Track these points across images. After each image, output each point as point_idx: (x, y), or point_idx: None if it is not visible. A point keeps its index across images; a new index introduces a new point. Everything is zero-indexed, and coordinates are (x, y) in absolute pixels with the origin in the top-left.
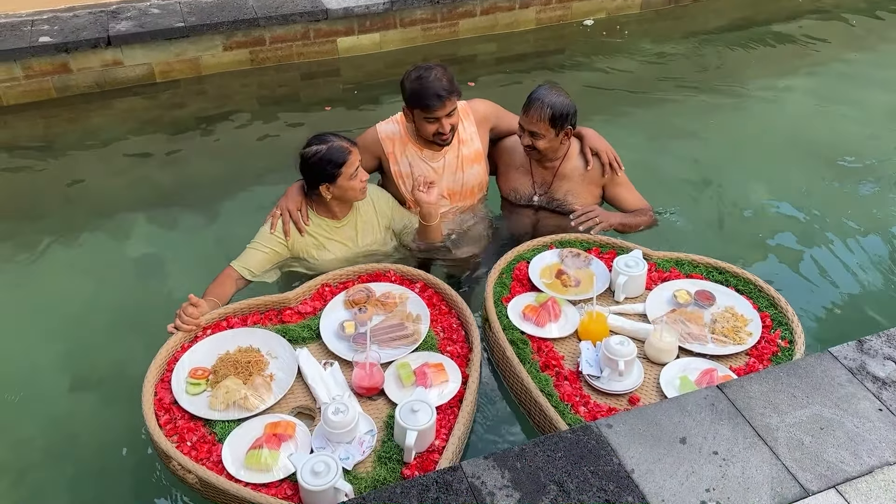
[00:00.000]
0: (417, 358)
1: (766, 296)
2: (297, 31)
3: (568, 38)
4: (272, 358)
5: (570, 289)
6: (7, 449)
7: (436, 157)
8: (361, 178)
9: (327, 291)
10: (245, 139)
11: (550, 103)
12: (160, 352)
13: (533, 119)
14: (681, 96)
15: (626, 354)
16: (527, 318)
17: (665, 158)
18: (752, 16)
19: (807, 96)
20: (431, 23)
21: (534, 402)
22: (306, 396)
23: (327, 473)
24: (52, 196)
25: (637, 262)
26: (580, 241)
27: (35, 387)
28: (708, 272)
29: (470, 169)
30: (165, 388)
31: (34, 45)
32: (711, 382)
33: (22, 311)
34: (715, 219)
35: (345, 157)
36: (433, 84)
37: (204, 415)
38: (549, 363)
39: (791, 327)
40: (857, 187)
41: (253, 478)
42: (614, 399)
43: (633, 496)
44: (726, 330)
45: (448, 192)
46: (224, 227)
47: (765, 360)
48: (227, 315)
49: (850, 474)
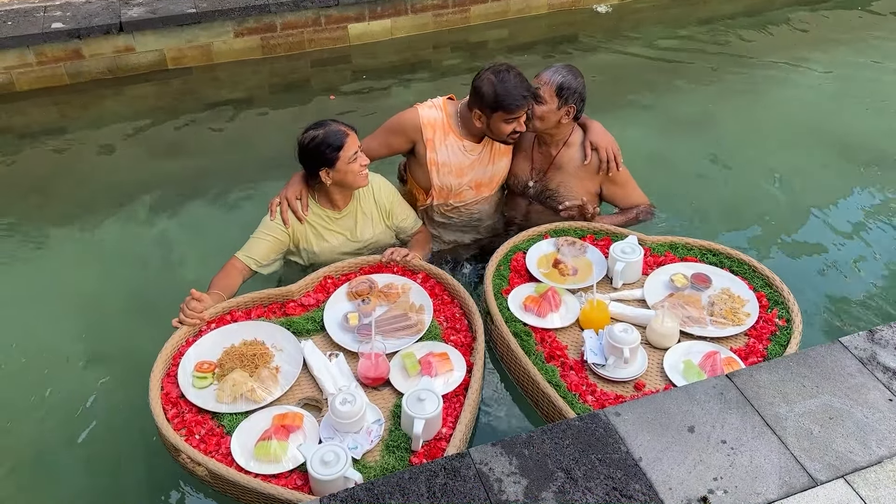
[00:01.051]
0: (422, 348)
1: (761, 276)
2: (308, 17)
3: (580, 23)
4: (277, 350)
5: (568, 278)
6: (19, 431)
7: (475, 148)
8: (361, 163)
9: (330, 283)
10: (256, 126)
11: (563, 73)
12: (165, 346)
13: (541, 80)
14: (693, 83)
15: (631, 342)
16: (528, 309)
17: (677, 145)
18: (767, 2)
19: (822, 83)
20: (443, 9)
21: (542, 394)
22: (312, 388)
23: (337, 463)
24: (64, 181)
25: (633, 248)
26: (574, 228)
27: (47, 369)
28: (702, 254)
29: (500, 161)
30: (172, 382)
31: (47, 31)
32: (715, 365)
33: (34, 295)
34: (727, 207)
35: (342, 140)
36: (517, 87)
37: (212, 408)
38: (554, 353)
39: (787, 306)
40: (872, 177)
41: (262, 469)
42: (620, 386)
43: (640, 484)
44: (725, 312)
45: (475, 183)
46: (235, 214)
47: (764, 339)
48: (230, 309)
49: (859, 464)
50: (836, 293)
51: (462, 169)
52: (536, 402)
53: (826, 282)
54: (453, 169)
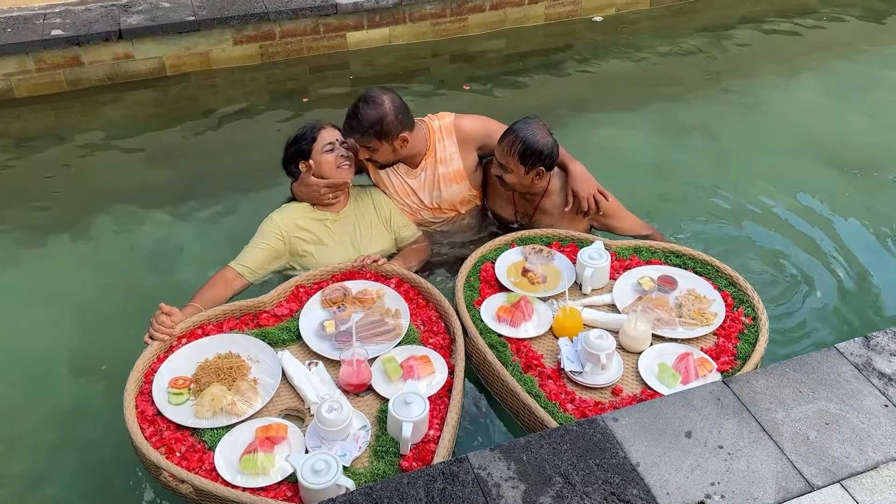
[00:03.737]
0: (402, 352)
1: (724, 275)
2: (306, 25)
3: (577, 34)
4: (253, 362)
5: (538, 286)
6: (8, 436)
7: (412, 173)
8: (339, 154)
9: (302, 292)
10: (255, 133)
11: (524, 138)
12: (136, 364)
13: (503, 151)
14: (690, 93)
15: (607, 348)
16: (501, 319)
17: (673, 156)
18: (762, 12)
19: (816, 94)
20: (441, 17)
21: (522, 405)
22: (293, 398)
23: (328, 471)
24: (62, 187)
25: (601, 253)
26: (540, 236)
27: (39, 375)
28: (666, 257)
29: (448, 188)
30: (146, 400)
31: (46, 38)
32: (689, 366)
33: (30, 300)
34: (724, 216)
35: (316, 132)
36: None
37: (191, 424)
38: (531, 363)
39: (752, 303)
40: (867, 186)
41: (250, 482)
42: (598, 393)
43: (638, 489)
44: (693, 312)
45: (429, 206)
46: (233, 222)
47: (733, 338)
48: (201, 322)
49: (856, 469)
50: (831, 299)
51: (405, 190)
52: (517, 414)
53: (821, 288)
54: (398, 190)
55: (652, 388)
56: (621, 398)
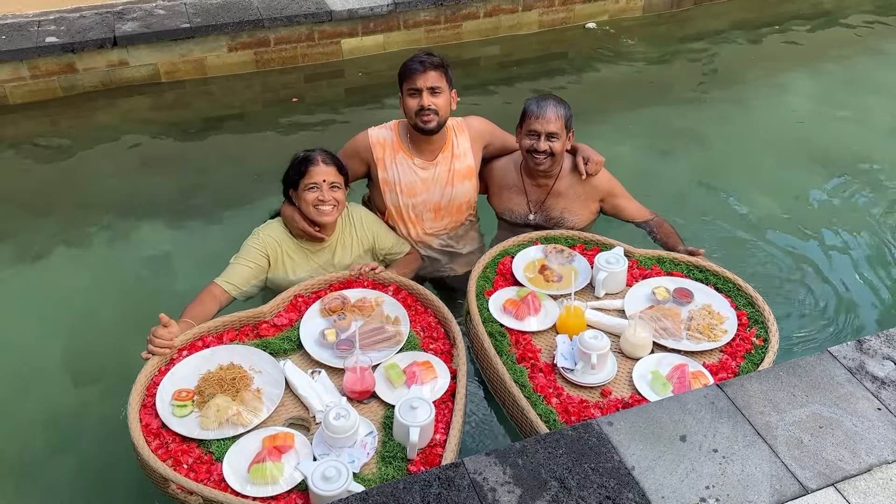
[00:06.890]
0: (404, 358)
1: (745, 294)
2: (301, 32)
3: (570, 40)
4: (256, 372)
5: (552, 284)
6: (6, 445)
7: (427, 166)
8: (319, 197)
9: (301, 302)
10: (249, 140)
11: (561, 105)
12: (139, 378)
13: (551, 119)
14: (682, 100)
15: (599, 348)
16: (507, 311)
17: (666, 161)
18: (754, 19)
19: (808, 100)
20: (435, 24)
21: (507, 392)
22: (297, 407)
23: (339, 478)
24: (57, 194)
25: (618, 258)
26: (565, 237)
27: (39, 381)
28: (689, 270)
29: (460, 185)
30: (150, 413)
31: (40, 45)
32: (683, 377)
33: (28, 307)
34: (716, 221)
35: (307, 166)
36: (416, 56)
37: (197, 435)
38: (525, 355)
39: (766, 325)
40: (857, 190)
41: (259, 492)
42: (587, 391)
43: (633, 493)
44: (702, 327)
45: (434, 206)
46: (227, 229)
47: (738, 356)
48: (201, 335)
49: (849, 472)
50: (823, 303)
51: (413, 187)
52: (503, 402)
53: (813, 292)
54: (404, 188)
55: (641, 395)
56: (609, 400)
